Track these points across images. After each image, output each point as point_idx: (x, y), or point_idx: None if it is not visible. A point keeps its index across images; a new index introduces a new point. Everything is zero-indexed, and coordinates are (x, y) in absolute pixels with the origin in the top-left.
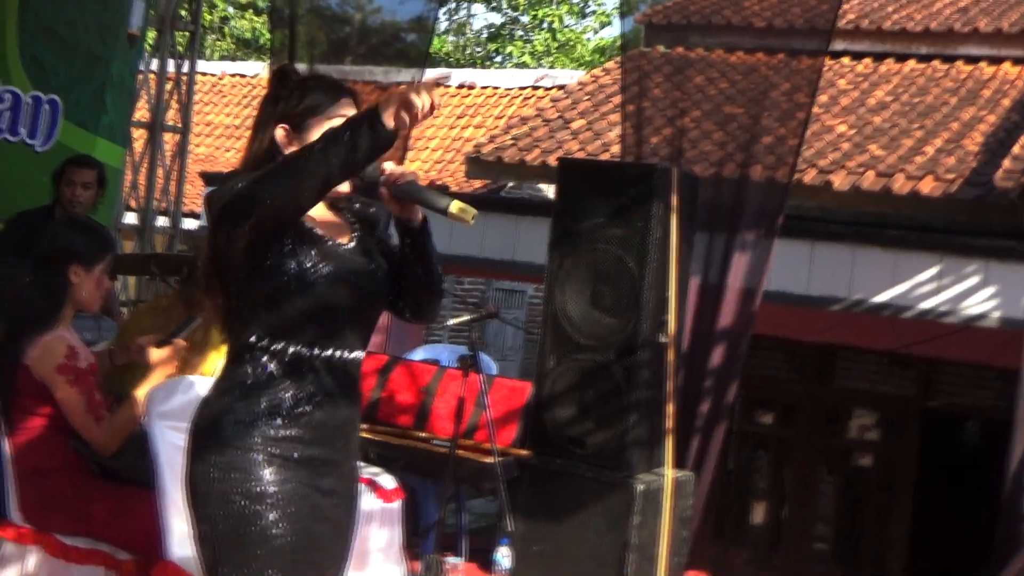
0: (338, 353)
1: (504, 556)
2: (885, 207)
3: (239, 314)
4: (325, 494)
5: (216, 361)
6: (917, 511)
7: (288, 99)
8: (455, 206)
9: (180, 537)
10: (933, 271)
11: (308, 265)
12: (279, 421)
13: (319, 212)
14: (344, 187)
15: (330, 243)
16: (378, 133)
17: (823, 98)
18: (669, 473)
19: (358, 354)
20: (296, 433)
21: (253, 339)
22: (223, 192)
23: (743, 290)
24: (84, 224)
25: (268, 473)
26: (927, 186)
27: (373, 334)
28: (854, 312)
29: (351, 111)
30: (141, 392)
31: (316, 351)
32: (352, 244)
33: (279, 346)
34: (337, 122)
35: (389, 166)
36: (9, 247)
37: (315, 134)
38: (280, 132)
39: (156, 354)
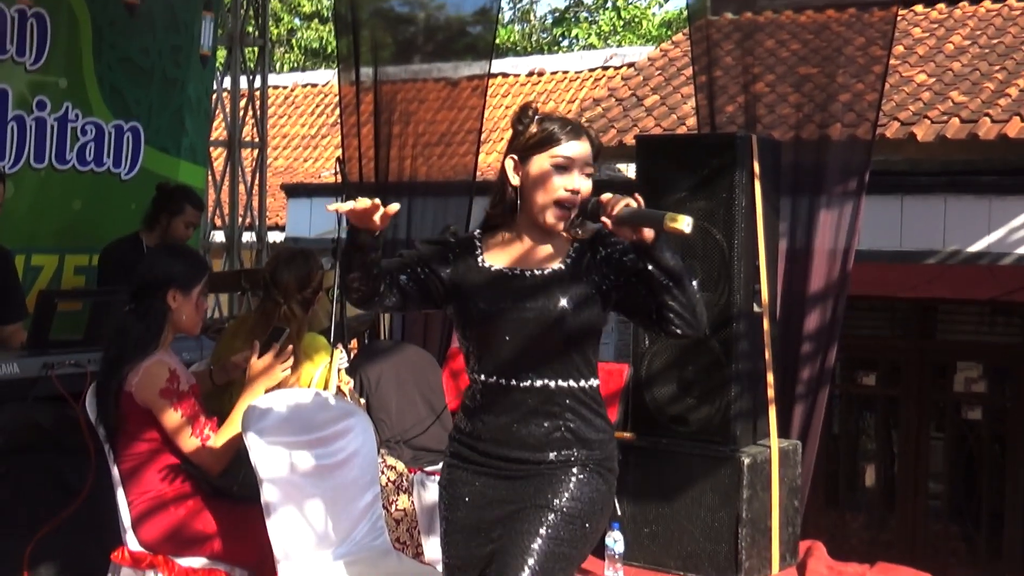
0: (513, 382)
1: (616, 540)
2: (973, 154)
3: None
4: (482, 497)
5: (311, 372)
6: None
7: (522, 133)
8: (668, 218)
9: (291, 550)
10: None
11: (480, 303)
12: (462, 439)
13: (519, 241)
14: (552, 218)
15: (511, 275)
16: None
17: (899, 49)
18: (775, 443)
19: (535, 383)
20: (468, 442)
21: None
22: None
23: (833, 251)
24: (179, 249)
25: (446, 474)
26: (1014, 128)
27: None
28: (951, 263)
29: (578, 152)
30: (242, 408)
31: (486, 377)
32: (546, 272)
33: (471, 372)
34: (564, 161)
35: (606, 196)
36: (106, 277)
37: (536, 168)
38: (509, 163)
39: (255, 367)
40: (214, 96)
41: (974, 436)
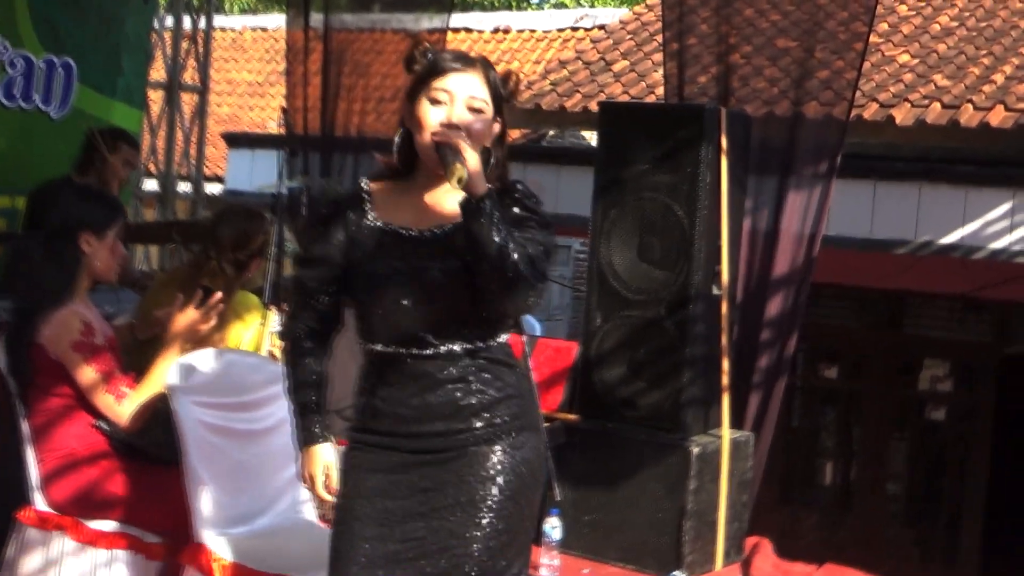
0: (415, 350)
1: (553, 527)
2: (952, 141)
3: None
4: (390, 483)
5: (240, 333)
6: (995, 466)
7: (413, 72)
8: (451, 167)
9: (209, 518)
10: (1006, 207)
11: (371, 266)
12: (363, 422)
13: (416, 194)
14: (435, 162)
15: (403, 234)
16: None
17: (883, 26)
18: (726, 434)
19: (438, 349)
20: (366, 424)
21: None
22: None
23: (799, 235)
24: (91, 191)
25: (348, 460)
26: (997, 117)
27: None
28: (922, 255)
29: (462, 84)
30: (163, 366)
31: (383, 347)
32: (446, 229)
33: (361, 343)
34: (441, 95)
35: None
36: (34, 221)
37: (419, 105)
38: (405, 103)
39: (178, 323)
40: (154, 35)
41: (937, 437)
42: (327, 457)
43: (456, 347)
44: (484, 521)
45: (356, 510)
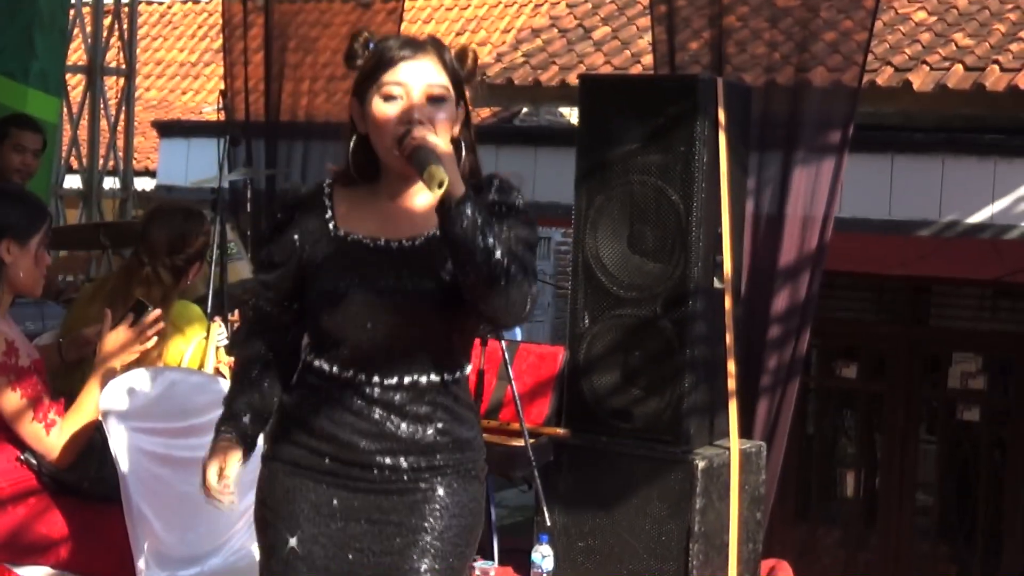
0: (376, 378)
1: (544, 556)
2: (977, 108)
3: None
4: (329, 515)
5: (181, 348)
6: None
7: (358, 67)
8: (428, 172)
9: (155, 559)
10: None
11: (330, 281)
12: (296, 435)
13: (382, 200)
14: (401, 167)
15: (368, 246)
16: None
17: None
18: (735, 444)
19: (403, 379)
20: (310, 447)
21: (305, 350)
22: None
23: (809, 218)
24: (12, 193)
25: (268, 480)
26: None
27: None
28: (948, 236)
29: (416, 75)
30: (95, 389)
31: (339, 370)
32: (417, 243)
33: (312, 360)
34: (395, 89)
35: (421, 131)
36: None
37: (372, 106)
38: (354, 104)
39: (109, 343)
40: (73, 12)
41: (970, 441)
42: (230, 452)
43: (422, 378)
44: (444, 564)
45: (288, 543)
